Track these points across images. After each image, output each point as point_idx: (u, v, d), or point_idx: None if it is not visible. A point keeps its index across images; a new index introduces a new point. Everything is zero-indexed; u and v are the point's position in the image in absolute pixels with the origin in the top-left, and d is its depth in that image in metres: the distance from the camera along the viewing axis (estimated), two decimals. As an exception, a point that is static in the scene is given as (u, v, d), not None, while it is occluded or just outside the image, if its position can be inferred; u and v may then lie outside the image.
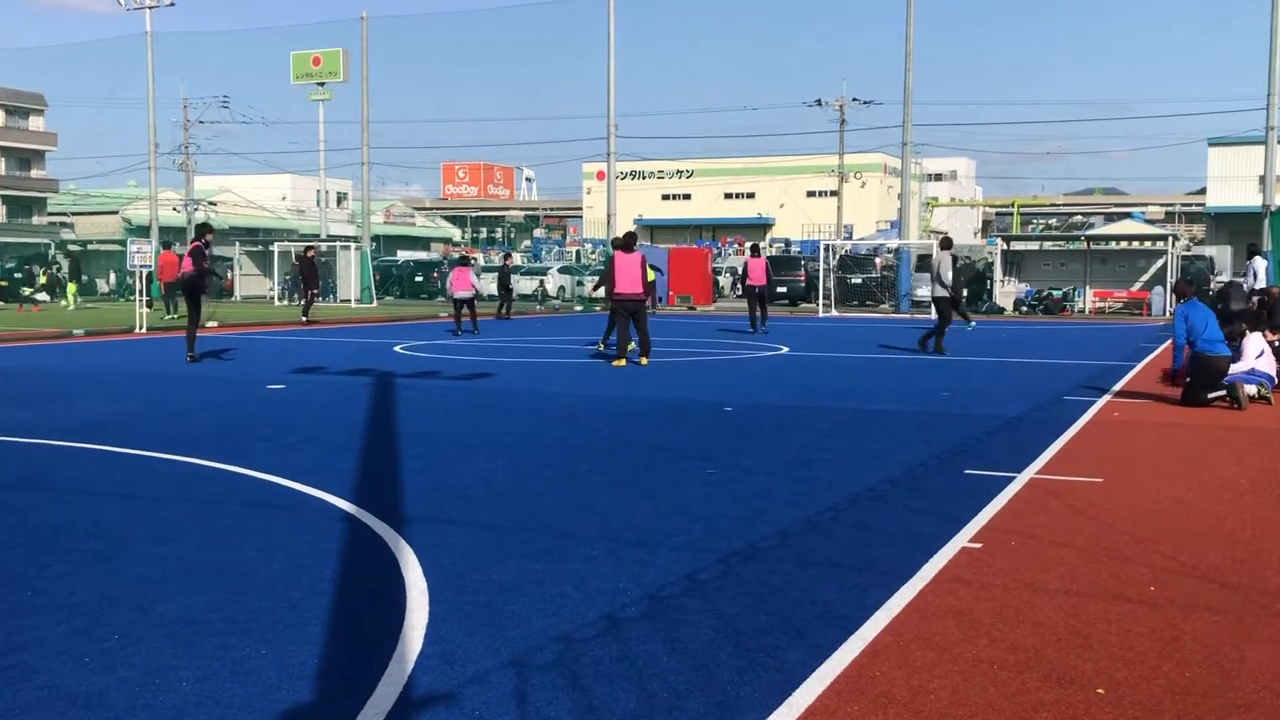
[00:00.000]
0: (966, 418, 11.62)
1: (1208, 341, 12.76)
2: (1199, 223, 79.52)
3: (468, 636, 4.67)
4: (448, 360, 18.49)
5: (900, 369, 17.57)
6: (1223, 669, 4.35)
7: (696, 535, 6.43)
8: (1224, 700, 4.03)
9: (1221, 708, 3.97)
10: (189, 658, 4.41)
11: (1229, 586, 5.49)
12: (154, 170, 53.50)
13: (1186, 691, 4.11)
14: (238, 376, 15.60)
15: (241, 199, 78.79)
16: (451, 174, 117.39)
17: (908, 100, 41.37)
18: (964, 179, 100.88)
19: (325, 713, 3.93)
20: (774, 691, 4.08)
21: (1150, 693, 4.10)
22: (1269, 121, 36.50)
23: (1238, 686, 4.17)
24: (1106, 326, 31.90)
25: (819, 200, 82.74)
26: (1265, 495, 7.75)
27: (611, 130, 43.22)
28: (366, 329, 27.89)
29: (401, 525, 6.60)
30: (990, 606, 5.12)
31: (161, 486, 7.88)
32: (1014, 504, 7.33)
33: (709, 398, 13.37)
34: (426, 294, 51.52)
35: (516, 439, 10.08)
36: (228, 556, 5.94)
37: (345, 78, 54.83)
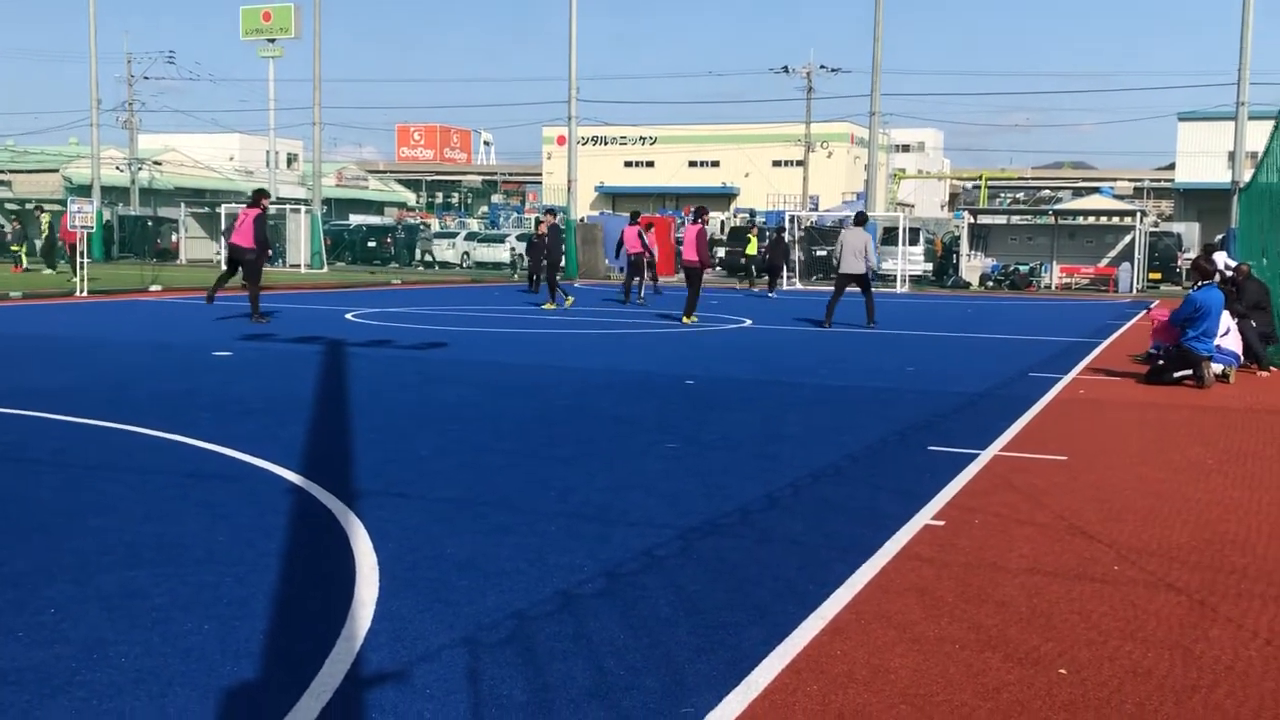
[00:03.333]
0: (930, 394, 11.58)
1: (1200, 338, 12.55)
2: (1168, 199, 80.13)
3: (419, 613, 4.55)
4: (401, 329, 18.29)
5: (865, 344, 17.54)
6: (1185, 649, 4.30)
7: (656, 511, 6.33)
8: (1186, 681, 3.98)
9: (1183, 688, 3.91)
10: (128, 633, 4.27)
11: (1193, 566, 5.45)
12: (96, 127, 52.33)
13: (1149, 672, 4.06)
14: (183, 343, 15.34)
15: (187, 159, 77.41)
16: (406, 136, 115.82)
17: (876, 69, 41.28)
18: (931, 150, 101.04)
19: (270, 691, 3.81)
20: (732, 670, 4.00)
21: (1112, 673, 4.04)
22: (1239, 97, 36.65)
23: (1200, 667, 4.12)
24: (1073, 303, 32.05)
25: (785, 170, 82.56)
26: (1230, 475, 7.73)
27: (573, 94, 42.80)
28: (317, 295, 27.56)
29: (351, 498, 6.45)
30: (953, 585, 5.05)
31: (102, 456, 7.68)
32: (977, 481, 7.28)
33: (671, 370, 13.27)
34: (379, 260, 51.10)
35: (472, 411, 9.94)
36: (170, 529, 5.78)
37: (297, 34, 53.79)
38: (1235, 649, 4.32)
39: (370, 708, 3.67)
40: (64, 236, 32.40)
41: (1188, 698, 3.84)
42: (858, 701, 3.76)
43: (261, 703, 3.73)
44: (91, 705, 3.64)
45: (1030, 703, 3.78)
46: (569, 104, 43.00)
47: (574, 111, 43.20)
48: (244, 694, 3.78)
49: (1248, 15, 35.94)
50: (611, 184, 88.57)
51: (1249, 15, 35.94)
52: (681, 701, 3.74)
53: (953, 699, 3.80)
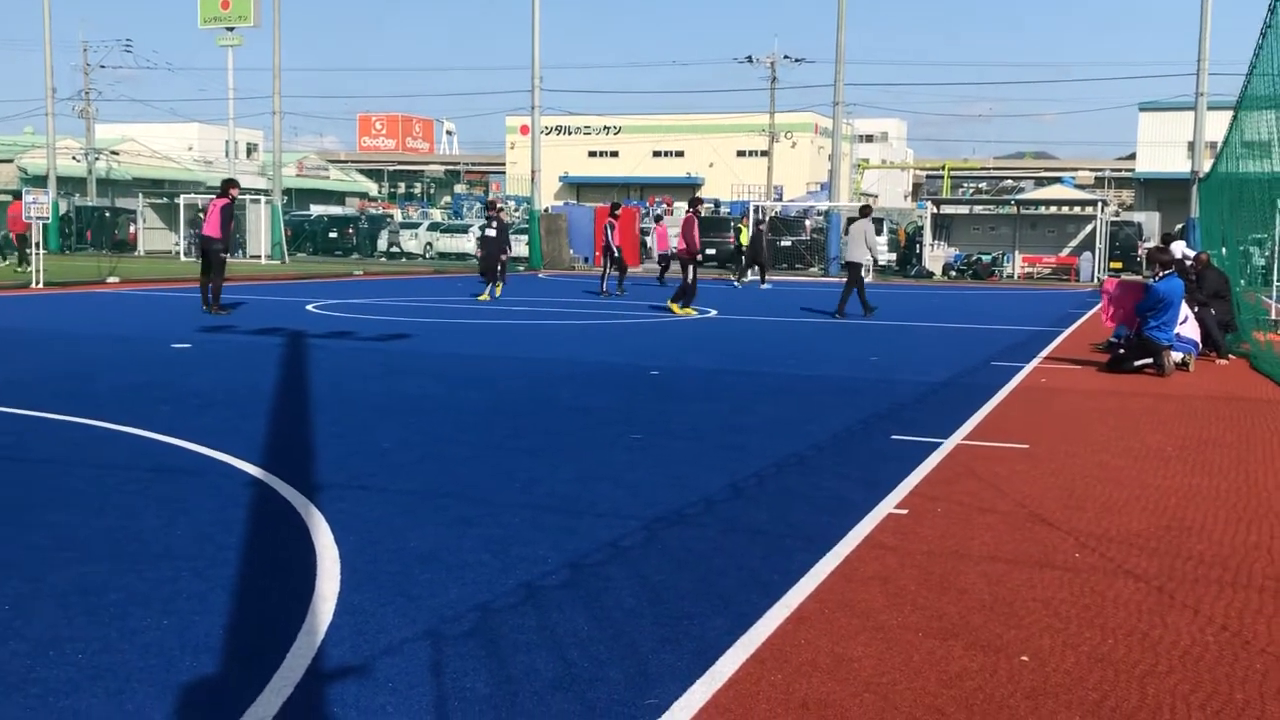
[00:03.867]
0: (894, 383, 11.62)
1: (1161, 327, 12.64)
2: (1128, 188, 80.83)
3: (381, 606, 4.51)
4: (363, 320, 18.17)
5: (828, 333, 17.59)
6: (1144, 635, 4.33)
7: (621, 501, 6.31)
8: (1145, 667, 4.01)
9: (1142, 674, 3.94)
10: (85, 629, 4.21)
11: (1152, 553, 5.49)
12: (52, 117, 51.52)
13: (1109, 658, 4.09)
14: (141, 335, 15.18)
15: (145, 149, 76.43)
16: (368, 125, 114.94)
17: (840, 59, 41.31)
18: (895, 141, 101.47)
19: (230, 686, 3.76)
20: (696, 660, 3.99)
21: (1074, 660, 4.07)
22: (1199, 88, 36.96)
23: (1159, 653, 4.15)
24: (1035, 292, 32.29)
25: (749, 160, 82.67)
26: (1189, 462, 7.81)
27: (536, 83, 42.61)
28: (277, 287, 27.33)
29: (312, 491, 6.39)
30: (916, 573, 5.07)
31: (59, 450, 7.58)
32: (940, 470, 7.31)
33: (635, 361, 13.25)
34: (341, 250, 50.70)
35: (435, 402, 9.89)
36: (128, 523, 5.70)
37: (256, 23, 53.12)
38: (1193, 635, 4.36)
39: (332, 702, 3.64)
40: (11, 227, 31.96)
41: (1147, 683, 3.87)
42: (821, 690, 3.76)
43: (222, 698, 3.68)
44: (48, 703, 3.58)
45: (993, 690, 3.79)
46: (532, 93, 42.82)
47: (537, 101, 43.02)
48: (204, 689, 3.73)
49: (1207, 6, 36.26)
50: (576, 174, 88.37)
51: (1208, 6, 36.26)
52: (646, 692, 3.73)
53: (915, 687, 3.81)
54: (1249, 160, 17.26)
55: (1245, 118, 17.55)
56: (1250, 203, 17.98)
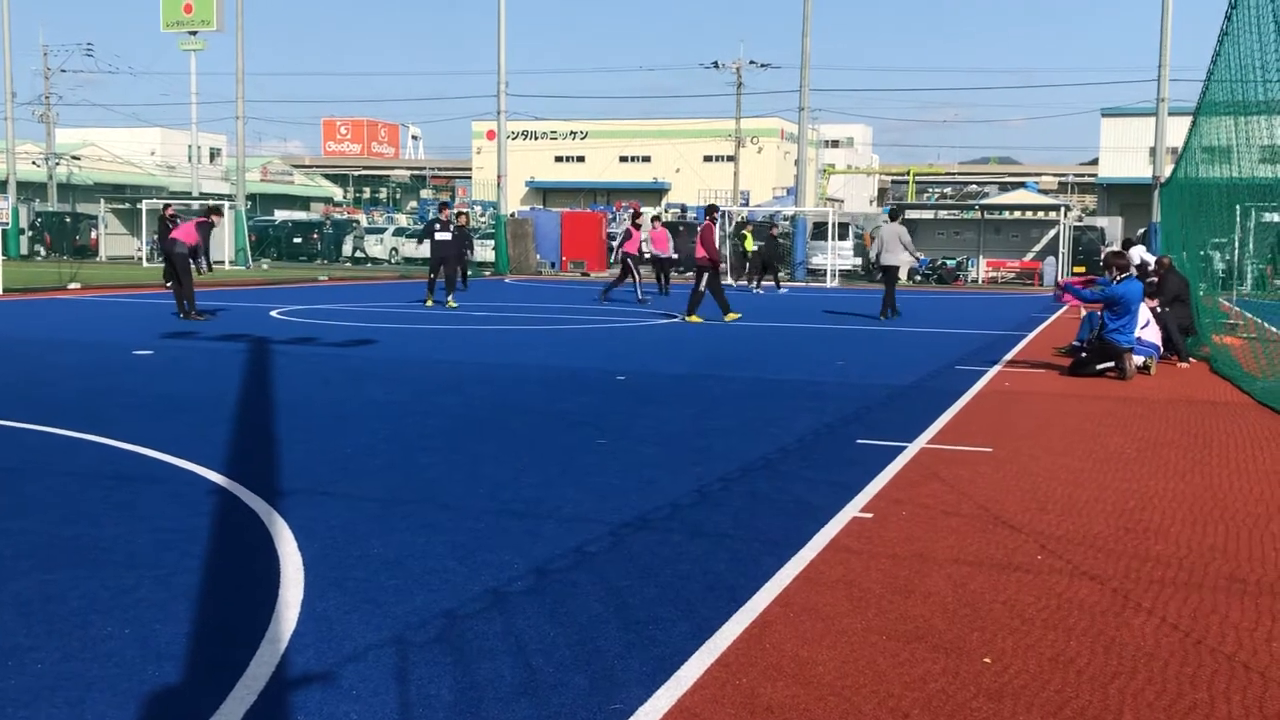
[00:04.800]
0: (859, 387, 11.68)
1: (1121, 331, 12.76)
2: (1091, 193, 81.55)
3: (346, 613, 4.49)
4: (327, 326, 18.08)
5: (794, 338, 17.66)
6: (1105, 636, 4.38)
7: (586, 506, 6.31)
8: (1105, 668, 4.05)
9: (1103, 675, 3.98)
10: (45, 638, 4.17)
11: (1114, 555, 5.55)
12: (11, 121, 51.19)
13: (1070, 660, 4.12)
14: (103, 341, 15.04)
15: (107, 153, 75.69)
16: (333, 130, 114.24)
17: (805, 65, 41.50)
18: (861, 146, 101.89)
19: (193, 694, 3.73)
20: (661, 665, 3.99)
21: (1035, 661, 4.10)
22: (1160, 93, 37.38)
23: (1119, 654, 4.19)
24: (999, 296, 32.52)
25: (715, 165, 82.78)
26: (1151, 464, 7.89)
27: (502, 88, 42.58)
28: (241, 292, 27.12)
29: (276, 498, 6.35)
30: (880, 577, 5.10)
31: (18, 457, 7.50)
32: (905, 473, 7.35)
33: (601, 365, 13.26)
34: (305, 256, 50.43)
35: (400, 408, 9.85)
36: (89, 531, 5.65)
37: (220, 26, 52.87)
38: (1153, 636, 4.41)
39: (296, 710, 3.62)
40: None
41: (1108, 685, 3.90)
42: (786, 694, 3.78)
43: (183, 706, 3.66)
44: (6, 713, 3.55)
45: (955, 692, 3.82)
46: (498, 98, 42.77)
47: (503, 106, 42.98)
48: (165, 697, 3.71)
49: (1167, 12, 36.70)
50: (542, 179, 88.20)
51: (1169, 12, 36.70)
52: (611, 698, 3.74)
53: (879, 689, 3.83)
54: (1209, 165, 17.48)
55: (1204, 123, 17.77)
56: (1210, 208, 18.22)
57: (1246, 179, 14.07)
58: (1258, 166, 13.12)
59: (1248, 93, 12.28)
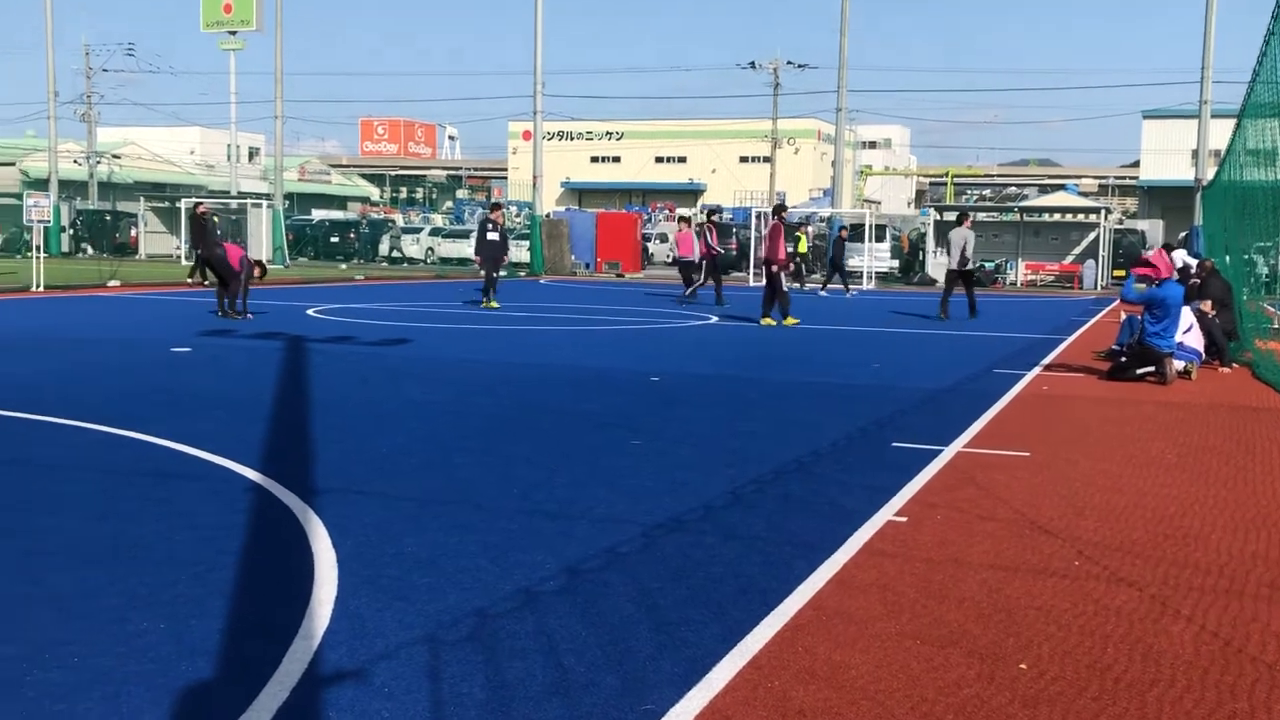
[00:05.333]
0: (895, 389, 11.61)
1: (1161, 335, 12.61)
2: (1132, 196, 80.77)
3: (378, 611, 4.51)
4: (364, 325, 18.17)
5: (830, 340, 17.58)
6: (1145, 645, 4.32)
7: (619, 507, 6.31)
8: (1144, 676, 4.00)
9: (1141, 683, 3.93)
10: (81, 633, 4.21)
11: (1152, 561, 5.48)
12: (53, 120, 51.52)
13: (1108, 668, 4.07)
14: (141, 339, 15.18)
15: (147, 152, 76.38)
16: (370, 130, 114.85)
17: (843, 65, 41.37)
18: (899, 147, 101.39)
19: (227, 689, 3.76)
20: (693, 667, 3.98)
21: (1073, 668, 4.06)
22: (1203, 95, 36.95)
23: (1158, 663, 4.14)
24: (1038, 299, 32.24)
25: (752, 166, 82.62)
26: (1190, 470, 7.79)
27: (538, 88, 42.63)
28: (279, 291, 27.29)
29: (311, 496, 6.39)
30: (915, 581, 5.06)
31: (58, 453, 7.58)
32: (940, 477, 7.30)
33: (635, 367, 13.25)
34: (342, 255, 50.71)
35: (434, 408, 9.88)
36: (126, 527, 5.70)
37: (259, 26, 53.14)
38: (1193, 645, 4.35)
39: (328, 706, 3.63)
40: None
41: (1146, 693, 3.85)
42: (818, 698, 3.75)
43: (217, 701, 3.68)
44: (43, 706, 3.58)
45: (991, 698, 3.78)
46: (535, 98, 42.84)
47: (540, 106, 43.05)
48: (200, 693, 3.73)
49: (1211, 13, 36.27)
50: (578, 179, 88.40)
51: (1212, 13, 36.27)
52: (643, 699, 3.73)
53: (913, 695, 3.80)
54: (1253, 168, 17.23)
55: (1249, 125, 17.53)
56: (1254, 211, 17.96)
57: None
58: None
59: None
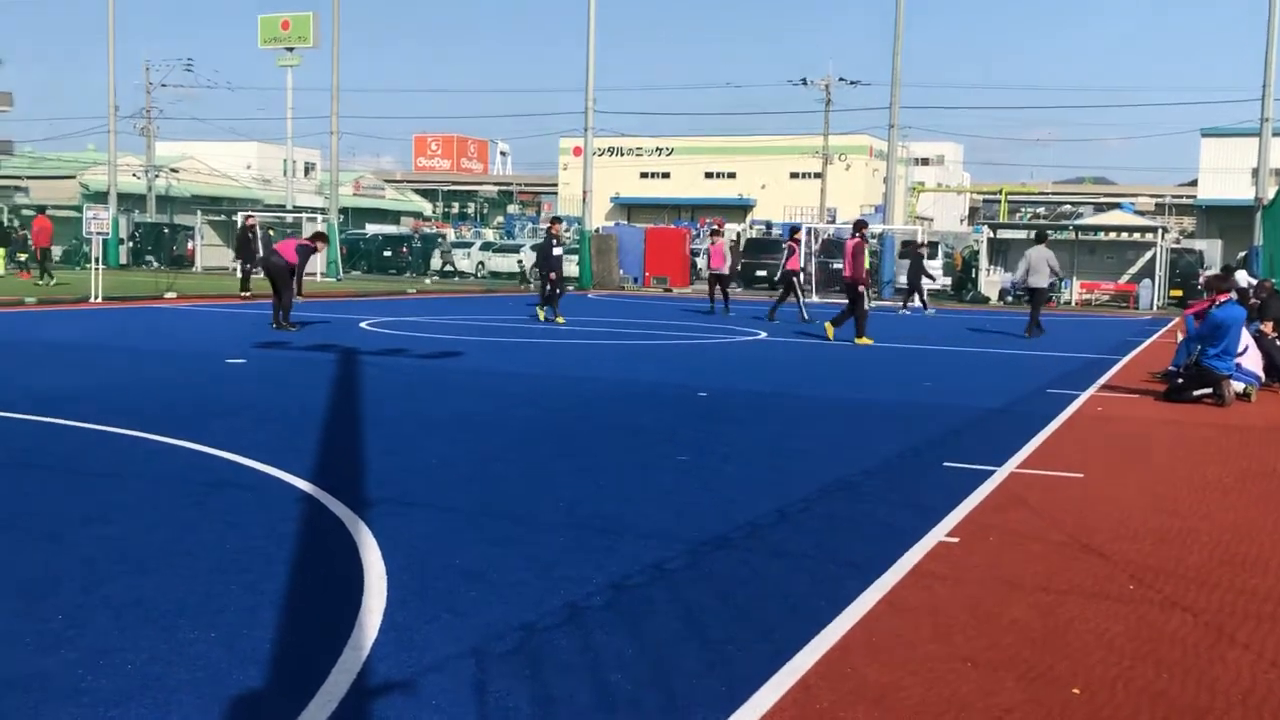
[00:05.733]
0: (947, 409, 11.50)
1: (1221, 356, 12.42)
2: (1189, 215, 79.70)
3: (426, 623, 4.53)
4: (415, 338, 18.29)
5: (880, 358, 17.47)
6: (1200, 672, 4.25)
7: (665, 523, 6.29)
8: (1200, 704, 3.93)
9: (1197, 712, 3.86)
10: (134, 640, 4.26)
11: (1209, 587, 5.38)
12: (113, 134, 52.33)
13: (1163, 694, 4.01)
14: (196, 350, 15.38)
15: (205, 166, 77.44)
16: (424, 146, 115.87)
17: (895, 81, 41.14)
18: (951, 164, 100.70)
19: (276, 699, 3.79)
20: (739, 686, 3.96)
21: (1126, 695, 3.99)
22: (1264, 113, 36.34)
23: (1215, 691, 4.07)
24: (1093, 319, 31.86)
25: (802, 182, 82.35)
26: (1248, 494, 7.65)
27: (590, 105, 42.82)
28: (332, 304, 27.53)
29: (361, 507, 6.44)
30: (966, 603, 5.00)
31: (113, 463, 7.69)
32: (993, 498, 7.22)
33: (683, 381, 13.23)
34: (395, 269, 51.11)
35: (483, 420, 9.93)
36: (180, 536, 5.77)
37: (315, 43, 53.81)
38: (1251, 674, 4.26)
39: (376, 717, 3.65)
40: (35, 242, 32.50)
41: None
42: (867, 719, 3.72)
43: (267, 710, 3.72)
44: (97, 712, 3.63)
45: (1041, 724, 3.73)
46: (586, 115, 43.03)
47: (590, 123, 43.22)
48: (250, 701, 3.77)
49: (1272, 30, 35.71)
50: (627, 195, 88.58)
51: (1274, 30, 35.71)
52: (689, 717, 3.71)
53: (964, 718, 3.75)
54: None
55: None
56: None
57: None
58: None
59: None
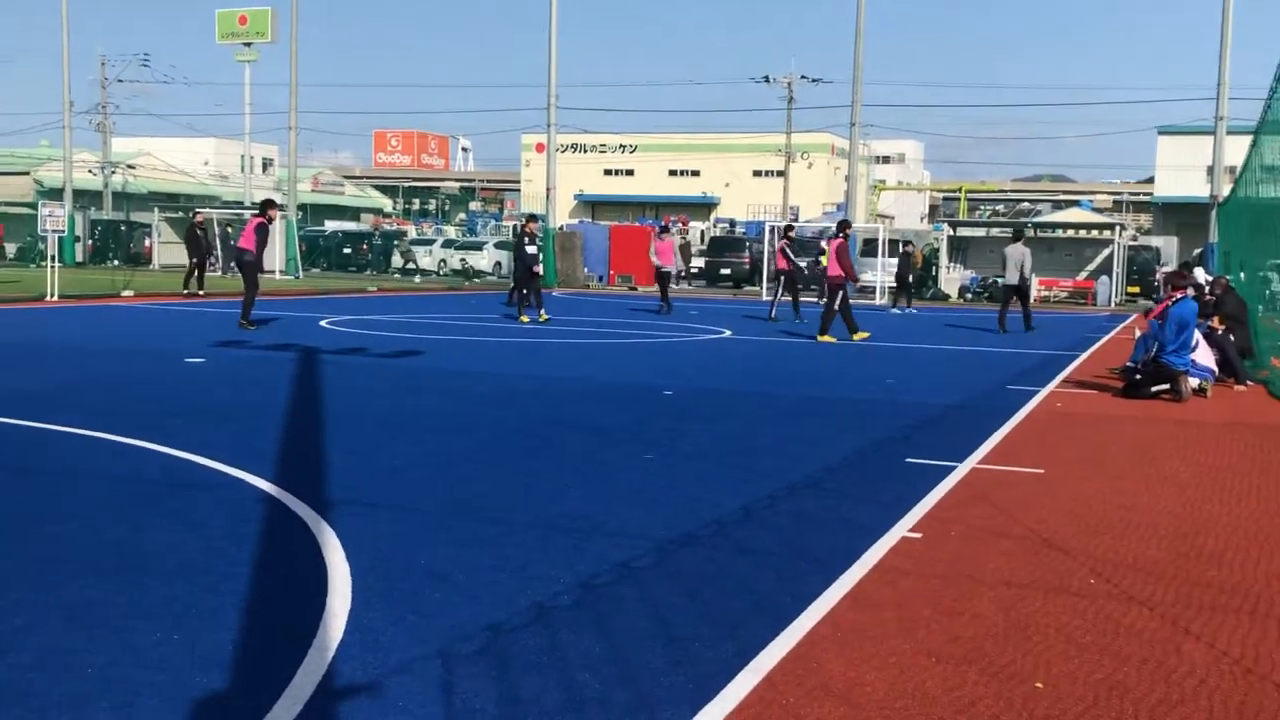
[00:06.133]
0: (909, 406, 11.58)
1: (1177, 353, 12.57)
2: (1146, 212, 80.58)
3: (392, 625, 4.50)
4: (376, 336, 18.20)
5: (844, 355, 17.55)
6: (1159, 664, 4.30)
7: (631, 522, 6.30)
8: (1159, 695, 3.97)
9: (1157, 703, 3.90)
10: (93, 642, 4.21)
11: (1168, 580, 5.45)
12: (69, 130, 51.80)
13: (1124, 687, 4.05)
14: (154, 350, 15.22)
15: (161, 163, 76.64)
16: (383, 142, 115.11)
17: (857, 80, 41.35)
18: (912, 162, 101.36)
19: (241, 701, 3.75)
20: (706, 683, 3.97)
21: (1088, 687, 4.03)
22: (1219, 111, 36.84)
23: (1173, 682, 4.11)
24: (1051, 315, 32.15)
25: (765, 180, 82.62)
26: (1206, 489, 7.75)
27: (552, 101, 42.77)
28: (292, 302, 27.37)
29: (325, 508, 6.39)
30: (929, 598, 5.04)
31: (68, 463, 7.60)
32: (954, 494, 7.27)
33: (648, 380, 13.24)
34: (355, 267, 50.83)
35: (447, 420, 9.89)
36: (138, 537, 5.71)
37: (273, 38, 53.37)
38: (1208, 664, 4.32)
39: (342, 719, 3.63)
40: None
41: (1162, 714, 3.83)
42: (832, 715, 3.73)
43: (232, 713, 3.68)
44: (52, 716, 3.58)
45: (1006, 716, 3.76)
46: (548, 111, 42.97)
47: (553, 119, 43.17)
48: (213, 704, 3.73)
49: (1227, 30, 36.19)
50: (591, 192, 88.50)
51: (1228, 30, 36.19)
52: (656, 715, 3.71)
53: (928, 712, 3.78)
54: (1269, 185, 17.18)
55: (1265, 142, 17.48)
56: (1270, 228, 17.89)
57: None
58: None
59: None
